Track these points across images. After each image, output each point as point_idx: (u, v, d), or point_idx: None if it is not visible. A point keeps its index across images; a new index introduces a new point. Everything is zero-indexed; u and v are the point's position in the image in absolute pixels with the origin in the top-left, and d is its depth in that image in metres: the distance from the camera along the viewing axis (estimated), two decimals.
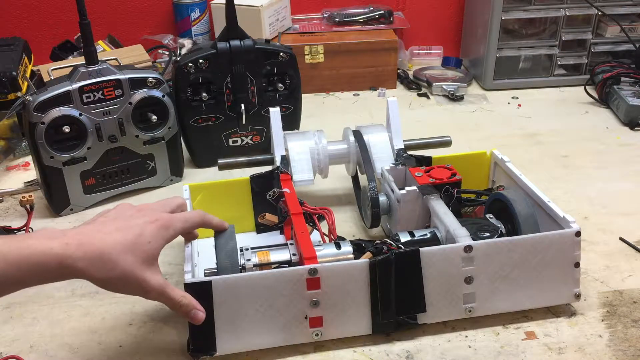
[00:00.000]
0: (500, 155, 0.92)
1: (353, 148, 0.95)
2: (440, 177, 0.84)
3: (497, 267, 0.73)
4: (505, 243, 0.72)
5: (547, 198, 0.79)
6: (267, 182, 0.89)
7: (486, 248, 0.72)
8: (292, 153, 0.92)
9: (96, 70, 0.95)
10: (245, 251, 0.73)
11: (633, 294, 0.80)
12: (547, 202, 0.79)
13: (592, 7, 1.42)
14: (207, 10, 1.56)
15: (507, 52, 1.46)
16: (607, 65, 1.42)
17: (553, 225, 0.77)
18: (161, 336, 0.74)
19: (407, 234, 0.79)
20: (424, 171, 0.86)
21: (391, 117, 0.96)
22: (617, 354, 0.70)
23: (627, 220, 0.95)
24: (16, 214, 0.99)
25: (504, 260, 0.73)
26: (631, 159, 1.14)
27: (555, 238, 0.74)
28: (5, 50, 1.29)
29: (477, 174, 0.95)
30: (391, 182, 0.86)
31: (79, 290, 0.82)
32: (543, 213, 0.79)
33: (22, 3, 1.54)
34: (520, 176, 0.85)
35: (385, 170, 0.89)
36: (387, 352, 0.71)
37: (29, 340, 0.74)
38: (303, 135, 0.95)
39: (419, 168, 0.87)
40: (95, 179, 1.00)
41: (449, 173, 0.85)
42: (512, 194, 0.80)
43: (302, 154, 0.92)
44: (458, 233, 0.73)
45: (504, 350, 0.71)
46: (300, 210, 0.79)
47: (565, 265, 0.74)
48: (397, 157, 0.93)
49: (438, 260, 0.71)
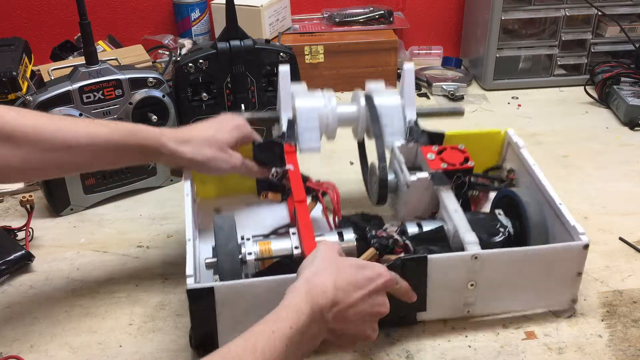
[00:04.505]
0: (515, 138, 0.89)
1: (363, 112, 0.89)
2: (452, 161, 0.81)
3: (501, 275, 0.73)
4: (514, 253, 0.72)
5: (559, 200, 0.78)
6: (270, 151, 0.86)
7: (493, 257, 0.71)
8: (300, 118, 0.87)
9: (96, 70, 0.95)
10: (246, 241, 0.73)
11: (633, 294, 0.80)
12: (558, 204, 0.77)
13: (592, 7, 1.42)
14: (207, 10, 1.56)
15: (507, 52, 1.46)
16: (607, 65, 1.42)
17: (560, 228, 0.76)
18: (161, 336, 0.74)
19: (415, 225, 0.77)
20: (436, 152, 0.83)
21: (406, 85, 0.90)
22: (617, 354, 0.70)
23: (627, 220, 0.95)
24: (16, 214, 0.99)
25: (510, 269, 0.72)
26: (631, 159, 1.14)
27: (564, 250, 0.73)
28: (6, 50, 1.29)
29: (488, 153, 0.92)
30: (402, 164, 0.83)
31: (79, 291, 0.82)
32: (551, 212, 0.78)
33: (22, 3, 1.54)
34: (534, 166, 0.83)
35: (397, 147, 0.85)
36: (387, 352, 0.71)
37: (29, 340, 0.74)
38: (312, 95, 0.90)
39: (431, 148, 0.84)
40: (95, 179, 1.00)
41: (462, 157, 0.82)
42: (526, 194, 0.79)
43: (311, 120, 0.87)
44: (467, 238, 0.73)
45: (504, 350, 0.71)
46: (304, 197, 0.77)
47: (569, 274, 0.74)
48: (410, 130, 0.88)
49: (444, 266, 0.70)
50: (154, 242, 0.92)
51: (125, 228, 0.96)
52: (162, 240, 0.93)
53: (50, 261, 0.88)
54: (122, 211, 1.00)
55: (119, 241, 0.93)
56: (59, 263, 0.88)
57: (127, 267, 0.87)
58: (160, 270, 0.85)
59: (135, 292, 0.82)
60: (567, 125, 1.28)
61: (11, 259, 0.85)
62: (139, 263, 0.88)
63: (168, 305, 0.79)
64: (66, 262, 0.88)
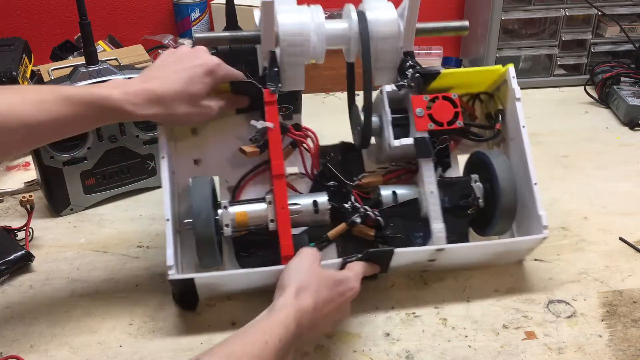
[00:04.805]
0: (513, 84, 0.83)
1: (355, 30, 0.78)
2: (441, 118, 0.79)
3: (461, 258, 0.81)
4: (477, 247, 0.80)
5: (535, 179, 0.78)
6: (248, 94, 0.79)
7: (457, 249, 0.77)
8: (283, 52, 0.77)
9: (96, 70, 0.95)
10: (224, 210, 0.75)
11: (633, 294, 0.80)
12: (533, 184, 0.78)
13: (592, 7, 1.42)
14: (207, 10, 1.56)
15: (507, 52, 1.46)
16: (607, 65, 1.42)
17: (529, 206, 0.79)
18: (161, 336, 0.74)
19: (391, 194, 0.79)
20: (426, 105, 0.79)
21: (408, 10, 0.78)
22: (617, 354, 0.70)
23: (627, 220, 0.95)
24: (16, 214, 0.99)
25: (470, 255, 0.81)
26: (631, 159, 1.14)
27: (524, 243, 0.80)
28: (5, 50, 1.29)
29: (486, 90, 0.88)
30: (388, 115, 0.80)
31: (79, 290, 0.82)
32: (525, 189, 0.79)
33: (22, 3, 1.54)
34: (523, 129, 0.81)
35: (385, 93, 0.81)
36: (387, 352, 0.71)
37: (29, 340, 0.74)
38: (298, 11, 0.78)
39: (422, 98, 0.79)
40: (96, 179, 1.00)
41: (452, 112, 0.79)
42: (501, 163, 0.79)
43: (296, 55, 0.77)
44: (435, 228, 0.76)
45: (504, 350, 0.71)
46: (282, 171, 0.75)
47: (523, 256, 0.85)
48: (402, 66, 0.80)
49: (409, 256, 0.77)
50: (154, 242, 0.92)
51: (125, 228, 0.96)
52: (162, 240, 0.92)
53: (50, 261, 0.88)
54: (122, 211, 1.00)
55: (119, 241, 0.93)
56: (59, 263, 0.88)
57: (127, 267, 0.87)
58: (161, 270, 0.85)
59: (135, 292, 0.82)
60: (567, 125, 1.28)
61: (11, 259, 0.85)
62: (139, 263, 0.88)
63: (168, 305, 0.79)
64: (66, 262, 0.88)
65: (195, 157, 0.82)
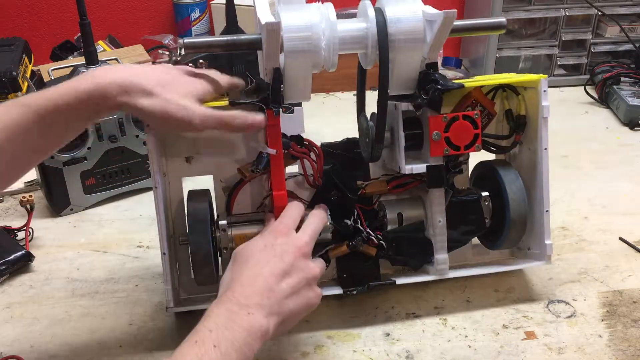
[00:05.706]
0: (543, 98, 0.76)
1: (373, 32, 0.68)
2: (459, 142, 0.72)
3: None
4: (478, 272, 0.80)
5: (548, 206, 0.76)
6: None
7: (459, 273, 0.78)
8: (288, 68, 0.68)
9: None
10: (222, 233, 0.71)
11: (633, 294, 0.80)
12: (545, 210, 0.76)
13: (592, 7, 1.42)
14: (207, 10, 1.56)
15: (507, 52, 1.46)
16: (607, 65, 1.42)
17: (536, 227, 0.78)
18: (161, 336, 0.74)
19: (396, 217, 0.77)
20: (443, 128, 0.71)
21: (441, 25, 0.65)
22: (617, 354, 0.70)
23: (627, 220, 0.95)
24: (16, 214, 0.99)
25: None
26: (631, 159, 1.14)
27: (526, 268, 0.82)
28: (6, 50, 1.29)
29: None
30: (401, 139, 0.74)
31: (79, 290, 0.82)
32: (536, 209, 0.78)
33: (22, 3, 1.55)
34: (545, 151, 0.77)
35: (401, 111, 0.74)
36: (387, 352, 0.71)
37: (29, 340, 0.74)
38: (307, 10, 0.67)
39: (440, 119, 0.71)
40: (96, 179, 1.00)
41: (472, 135, 0.72)
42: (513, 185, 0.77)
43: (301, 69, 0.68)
44: (439, 258, 0.76)
45: (504, 350, 0.71)
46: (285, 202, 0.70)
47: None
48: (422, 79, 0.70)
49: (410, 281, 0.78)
50: (154, 242, 0.92)
51: (125, 228, 0.96)
52: None
53: (50, 261, 0.88)
54: (122, 211, 1.00)
55: (119, 241, 0.93)
56: (59, 263, 0.88)
57: (127, 267, 0.87)
58: (161, 270, 0.85)
59: (135, 292, 0.82)
60: (567, 125, 1.28)
61: (11, 259, 0.85)
62: (139, 263, 0.88)
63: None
64: (66, 262, 0.88)
65: (187, 154, 0.77)
